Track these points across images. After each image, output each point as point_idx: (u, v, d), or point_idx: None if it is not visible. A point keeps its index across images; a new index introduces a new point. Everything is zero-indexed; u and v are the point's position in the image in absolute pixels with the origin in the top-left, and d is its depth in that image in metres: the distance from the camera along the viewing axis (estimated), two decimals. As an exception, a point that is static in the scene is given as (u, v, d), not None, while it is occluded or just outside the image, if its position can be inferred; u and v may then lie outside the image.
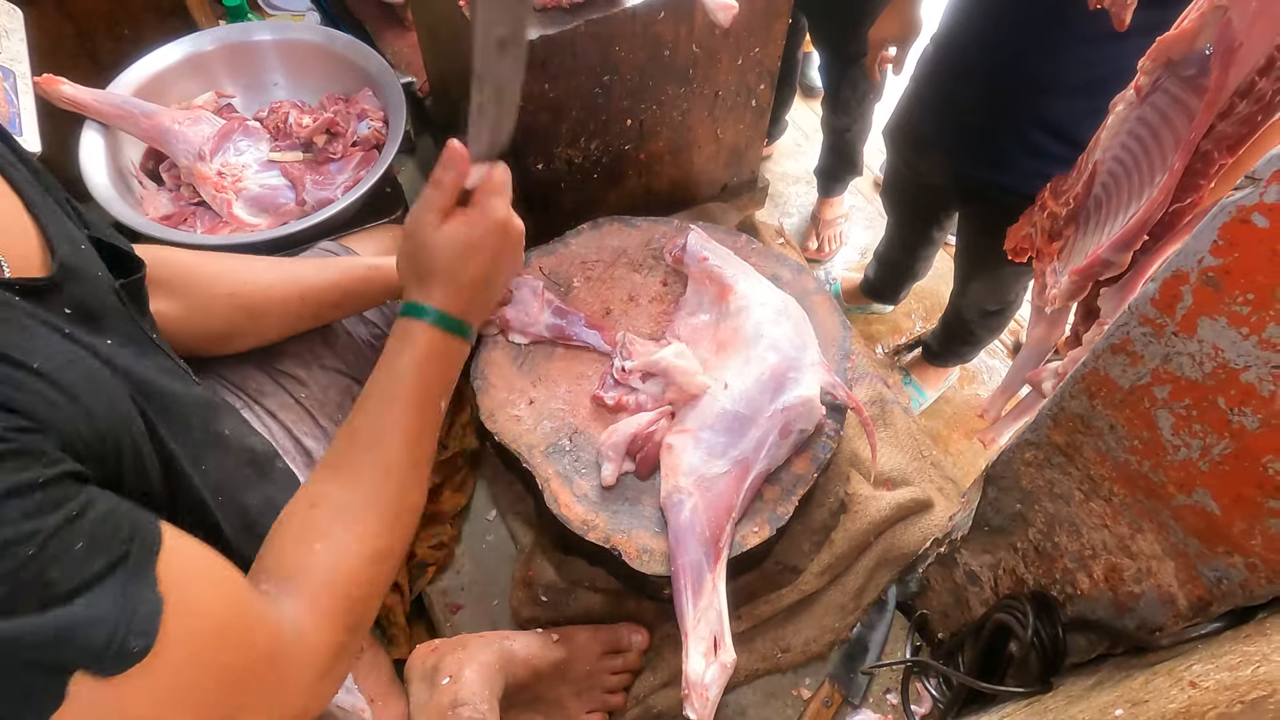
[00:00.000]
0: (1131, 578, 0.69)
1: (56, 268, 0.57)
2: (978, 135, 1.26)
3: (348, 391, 0.99)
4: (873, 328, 2.15)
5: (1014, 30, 1.11)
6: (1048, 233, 0.90)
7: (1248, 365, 0.51)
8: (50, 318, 0.53)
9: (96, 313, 0.60)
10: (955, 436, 1.98)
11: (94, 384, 0.51)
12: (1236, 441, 0.54)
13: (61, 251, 0.58)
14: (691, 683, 0.80)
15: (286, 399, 0.92)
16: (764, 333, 0.96)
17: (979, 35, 1.07)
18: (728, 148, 1.35)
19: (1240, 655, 0.53)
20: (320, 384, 0.96)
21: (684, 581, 0.85)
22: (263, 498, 0.77)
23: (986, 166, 1.28)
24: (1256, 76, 0.62)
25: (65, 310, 0.56)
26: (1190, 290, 0.52)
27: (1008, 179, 1.24)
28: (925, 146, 1.40)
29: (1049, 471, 0.72)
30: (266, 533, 0.74)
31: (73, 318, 0.57)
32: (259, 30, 1.35)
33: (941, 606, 1.00)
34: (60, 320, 0.55)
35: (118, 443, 0.52)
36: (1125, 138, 0.80)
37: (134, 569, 0.45)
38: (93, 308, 0.60)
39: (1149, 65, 0.76)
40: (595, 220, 1.17)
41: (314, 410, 0.94)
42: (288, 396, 0.92)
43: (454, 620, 1.07)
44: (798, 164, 2.46)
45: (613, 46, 1.05)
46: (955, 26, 1.25)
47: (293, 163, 1.24)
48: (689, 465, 0.90)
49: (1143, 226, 0.72)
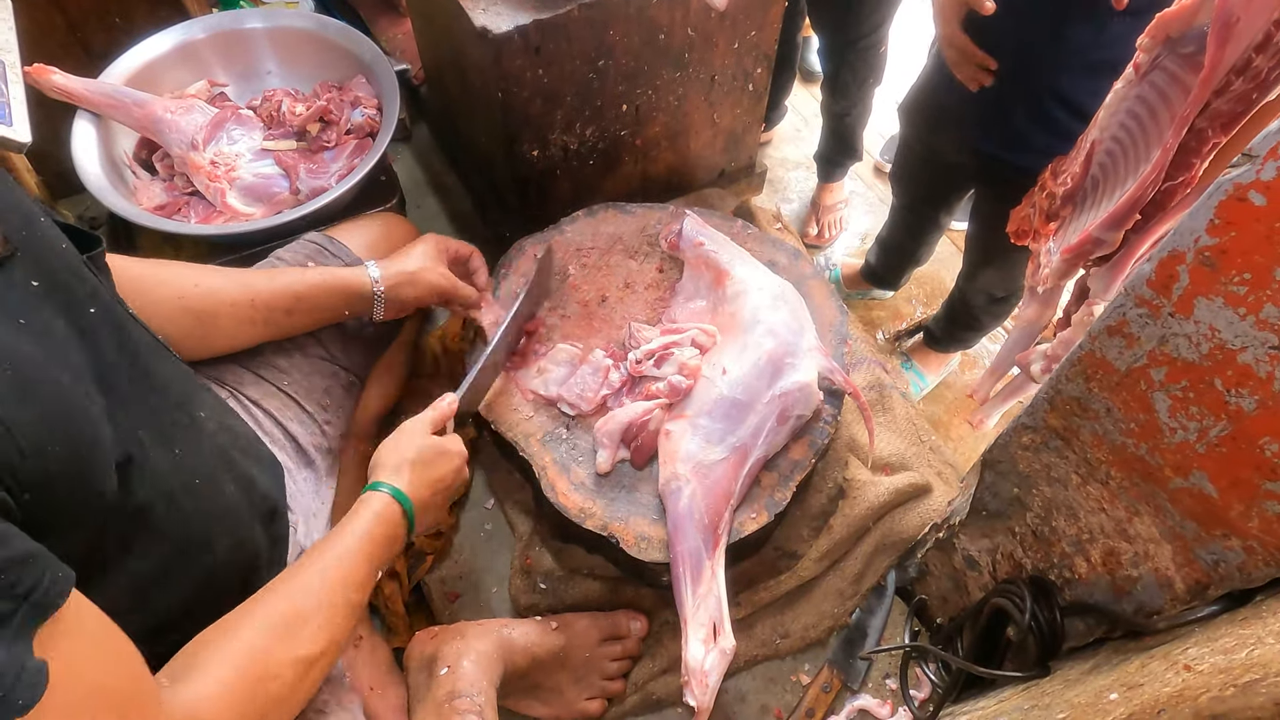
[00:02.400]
0: (1129, 561, 0.68)
1: (13, 242, 0.55)
2: (997, 112, 1.24)
3: (334, 377, 0.98)
4: (873, 313, 2.14)
5: (1037, 6, 1.10)
6: (1045, 213, 0.89)
7: (1245, 346, 0.50)
8: (10, 295, 0.52)
9: (66, 285, 0.59)
10: (956, 422, 1.97)
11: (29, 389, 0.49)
12: (1234, 423, 0.53)
13: (12, 223, 0.56)
14: (691, 669, 0.80)
15: (269, 388, 0.91)
16: (761, 318, 0.96)
17: (1002, 10, 1.06)
18: (725, 132, 1.34)
19: (1236, 638, 0.52)
20: (303, 370, 0.95)
21: (683, 568, 0.85)
22: (245, 480, 0.76)
23: (1005, 144, 1.26)
24: (1253, 53, 0.61)
25: (32, 283, 0.55)
26: (1187, 270, 0.51)
27: (1025, 158, 1.22)
28: (944, 123, 1.38)
29: (1046, 455, 0.72)
30: (236, 525, 0.73)
31: (38, 290, 0.55)
32: (251, 18, 1.34)
33: (940, 591, 1.00)
34: (23, 296, 0.53)
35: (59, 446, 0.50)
36: (1123, 116, 0.79)
37: (19, 626, 0.42)
38: (62, 280, 0.59)
39: (1148, 43, 0.75)
40: (590, 207, 1.16)
41: (299, 396, 0.93)
42: (269, 386, 0.91)
43: (452, 608, 1.07)
44: (797, 149, 2.44)
45: (607, 30, 1.04)
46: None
47: (286, 151, 1.24)
48: (687, 452, 0.89)
49: (1134, 205, 0.71)
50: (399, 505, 0.76)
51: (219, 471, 0.73)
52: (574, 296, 1.09)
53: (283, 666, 0.61)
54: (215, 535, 0.70)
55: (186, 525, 0.66)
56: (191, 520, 0.67)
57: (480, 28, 0.96)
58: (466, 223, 1.50)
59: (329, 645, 0.66)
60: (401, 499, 0.76)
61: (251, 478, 0.78)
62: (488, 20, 0.97)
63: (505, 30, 0.96)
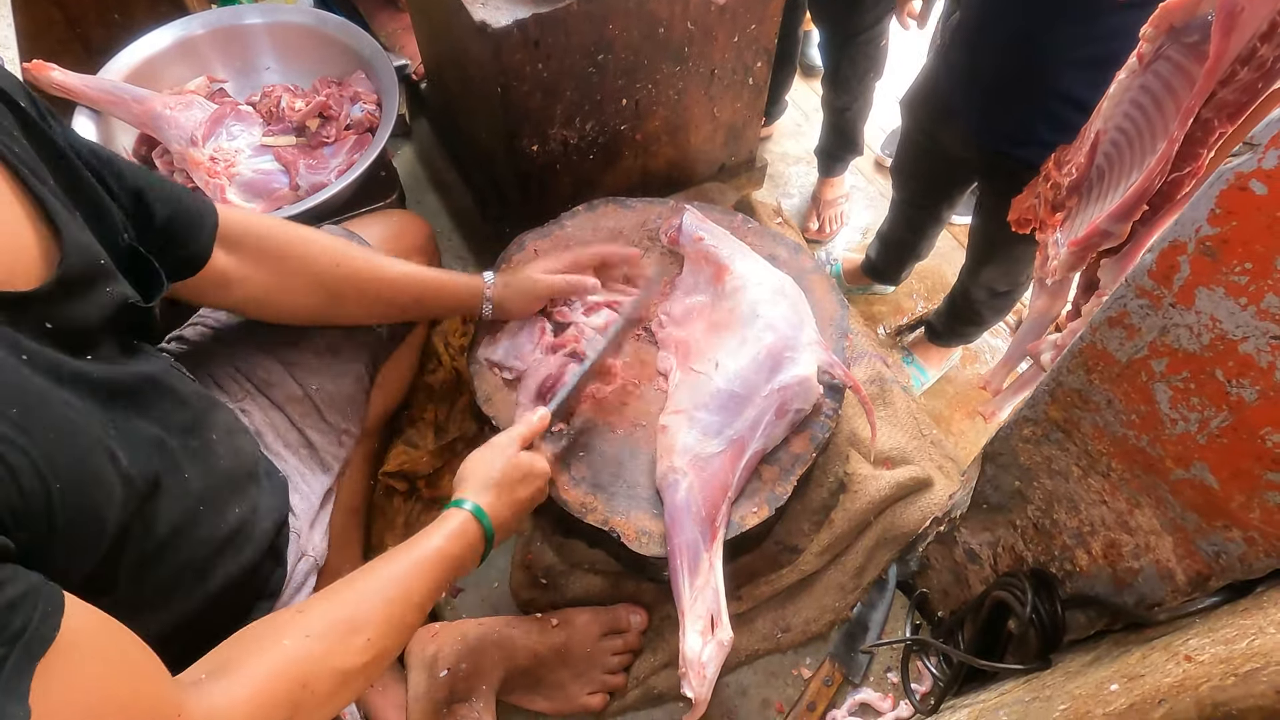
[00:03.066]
0: (1130, 553, 0.68)
1: (53, 280, 0.55)
2: (1003, 107, 1.24)
3: (358, 382, 0.97)
4: (874, 308, 2.14)
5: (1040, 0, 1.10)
6: (1051, 203, 0.89)
7: (1246, 336, 0.50)
8: (15, 335, 0.51)
9: (85, 329, 0.58)
10: (957, 416, 1.97)
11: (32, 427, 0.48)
12: (1235, 414, 0.53)
13: (69, 263, 0.56)
14: (689, 661, 0.80)
15: (294, 390, 0.90)
16: (760, 312, 0.95)
17: (1008, 4, 1.05)
18: (725, 127, 1.34)
19: (1237, 629, 0.52)
20: (333, 374, 0.94)
21: (680, 561, 0.84)
22: (248, 506, 0.75)
23: (1010, 139, 1.26)
24: (1258, 42, 0.61)
25: (45, 325, 0.54)
26: (1188, 260, 0.51)
27: (1030, 153, 1.22)
28: (948, 116, 1.38)
29: (1047, 447, 0.72)
30: (238, 552, 0.72)
31: (51, 333, 0.55)
32: (250, 13, 1.34)
33: (941, 585, 1.00)
34: (29, 337, 0.52)
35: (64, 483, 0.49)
36: (1128, 106, 0.79)
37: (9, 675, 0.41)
38: (82, 324, 0.58)
39: (1151, 33, 0.74)
40: (591, 202, 1.16)
41: (321, 405, 0.92)
42: (296, 388, 0.90)
43: (454, 603, 1.07)
44: (798, 144, 2.43)
45: (606, 24, 1.04)
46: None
47: (286, 147, 1.24)
48: (683, 445, 0.89)
49: (1141, 196, 0.71)
50: (479, 525, 0.74)
51: (225, 498, 0.72)
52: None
53: (321, 677, 0.59)
54: (216, 564, 0.70)
55: (189, 552, 0.66)
56: (194, 547, 0.67)
57: (479, 22, 0.96)
58: (467, 218, 1.50)
59: (374, 661, 0.63)
60: (483, 519, 0.75)
61: (255, 504, 0.77)
62: (487, 14, 0.97)
63: (504, 24, 0.96)
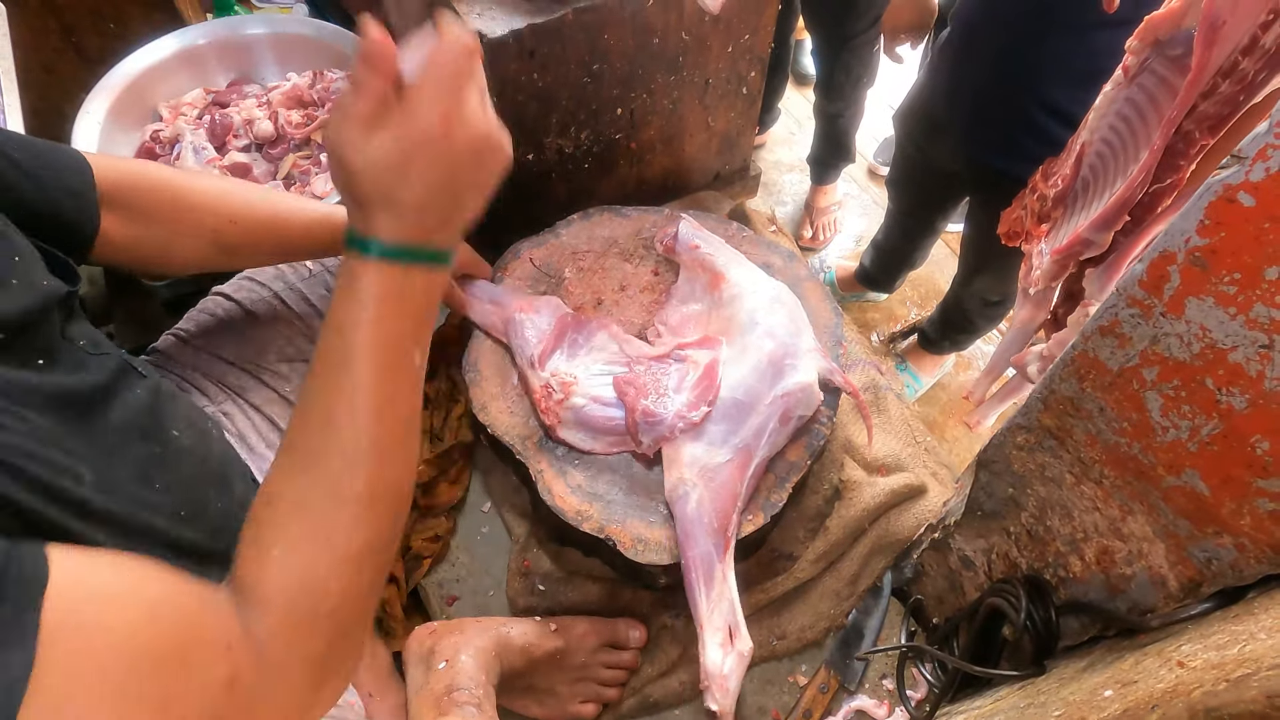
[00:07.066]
0: (1123, 560, 0.69)
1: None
2: (989, 121, 1.25)
3: None
4: (868, 315, 2.15)
5: (1029, 15, 1.11)
6: (1037, 215, 0.90)
7: (1235, 345, 0.51)
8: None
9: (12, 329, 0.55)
10: (951, 423, 1.98)
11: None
12: (1225, 422, 0.54)
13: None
14: (711, 674, 0.81)
15: (270, 394, 0.91)
16: (759, 320, 0.96)
17: (994, 19, 1.07)
18: (719, 136, 1.35)
19: (1228, 634, 0.53)
20: (303, 375, 0.95)
21: (696, 574, 0.85)
22: (227, 501, 0.74)
23: (997, 153, 1.27)
24: (1239, 56, 0.62)
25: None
26: (1178, 270, 0.52)
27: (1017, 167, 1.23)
28: (938, 131, 1.39)
29: (1040, 455, 0.72)
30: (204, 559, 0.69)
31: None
32: (251, 24, 1.34)
33: (936, 591, 1.00)
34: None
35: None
36: (1113, 119, 0.80)
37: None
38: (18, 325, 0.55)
39: (1136, 45, 0.76)
40: (586, 210, 1.16)
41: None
42: (271, 391, 0.91)
43: (450, 612, 1.07)
44: (791, 152, 2.45)
45: (601, 35, 1.05)
46: (972, 10, 1.24)
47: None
48: (691, 456, 0.89)
49: (1122, 206, 0.72)
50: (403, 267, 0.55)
51: (204, 496, 0.70)
52: (570, 300, 1.09)
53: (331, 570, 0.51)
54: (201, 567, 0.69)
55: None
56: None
57: (474, 32, 0.97)
58: (462, 227, 1.51)
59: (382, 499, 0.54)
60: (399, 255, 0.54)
61: (232, 503, 0.75)
62: (482, 25, 0.97)
63: (500, 35, 0.97)
